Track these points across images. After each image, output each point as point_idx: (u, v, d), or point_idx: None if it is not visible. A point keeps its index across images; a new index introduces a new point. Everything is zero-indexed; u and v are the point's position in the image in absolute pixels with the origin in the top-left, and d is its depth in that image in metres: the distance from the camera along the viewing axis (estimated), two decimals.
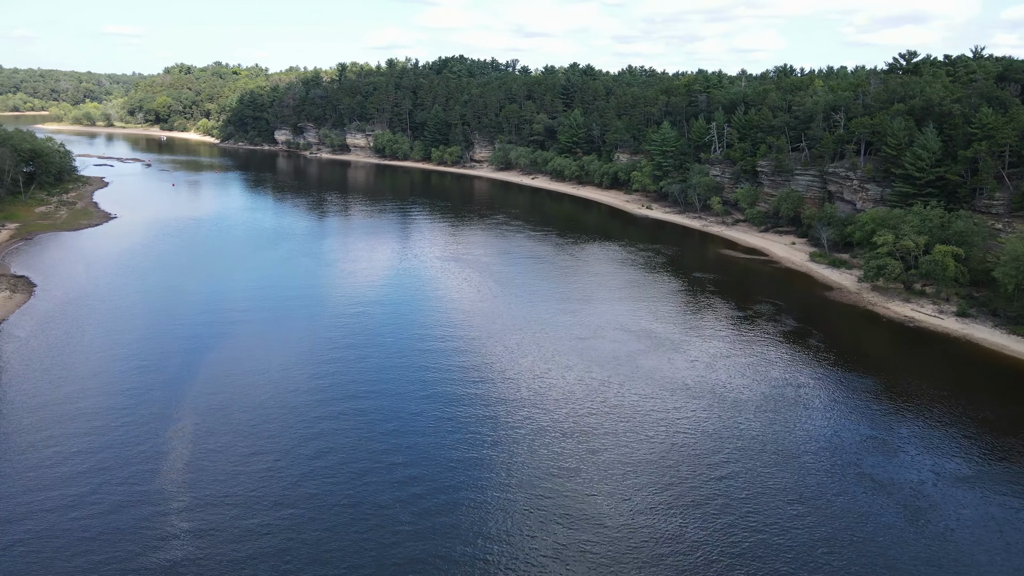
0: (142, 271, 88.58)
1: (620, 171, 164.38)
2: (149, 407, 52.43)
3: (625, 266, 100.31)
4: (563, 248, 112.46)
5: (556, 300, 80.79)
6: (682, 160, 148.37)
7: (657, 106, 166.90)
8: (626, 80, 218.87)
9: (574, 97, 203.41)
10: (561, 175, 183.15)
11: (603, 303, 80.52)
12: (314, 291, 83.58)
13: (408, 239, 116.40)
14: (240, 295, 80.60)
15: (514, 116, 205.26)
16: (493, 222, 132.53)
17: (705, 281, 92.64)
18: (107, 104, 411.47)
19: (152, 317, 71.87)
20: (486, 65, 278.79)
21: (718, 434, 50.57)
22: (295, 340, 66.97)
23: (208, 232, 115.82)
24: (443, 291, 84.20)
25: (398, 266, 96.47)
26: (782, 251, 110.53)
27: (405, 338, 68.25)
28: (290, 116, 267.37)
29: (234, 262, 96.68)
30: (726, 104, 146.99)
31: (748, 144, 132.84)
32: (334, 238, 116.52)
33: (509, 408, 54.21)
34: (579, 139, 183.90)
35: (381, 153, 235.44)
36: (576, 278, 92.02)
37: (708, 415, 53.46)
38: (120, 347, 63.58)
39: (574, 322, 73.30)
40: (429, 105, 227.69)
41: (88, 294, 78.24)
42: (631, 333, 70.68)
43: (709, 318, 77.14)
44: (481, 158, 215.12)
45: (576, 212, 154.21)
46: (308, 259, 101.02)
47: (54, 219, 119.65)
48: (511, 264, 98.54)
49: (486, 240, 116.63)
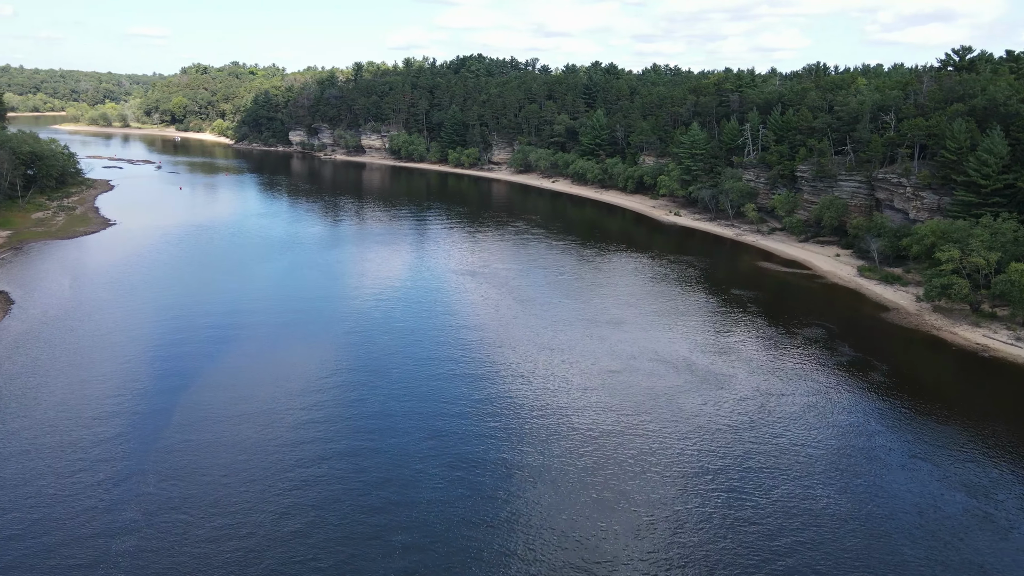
0: (131, 286, 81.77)
1: (646, 175, 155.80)
2: (107, 464, 45.00)
3: (655, 281, 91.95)
4: (587, 260, 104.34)
5: (582, 323, 72.67)
6: (712, 164, 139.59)
7: (685, 106, 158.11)
8: (651, 79, 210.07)
9: (597, 97, 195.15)
10: (583, 178, 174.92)
11: (634, 326, 72.27)
12: (315, 310, 76.16)
13: (422, 249, 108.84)
14: (233, 314, 73.40)
15: (534, 117, 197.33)
16: (512, 230, 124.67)
17: (745, 299, 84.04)
18: (124, 105, 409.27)
19: (133, 342, 64.81)
20: (505, 64, 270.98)
21: (785, 504, 42.12)
22: (286, 370, 59.49)
23: (210, 240, 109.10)
24: (457, 311, 76.39)
25: (410, 281, 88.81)
26: (826, 264, 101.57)
27: (413, 369, 60.50)
28: (305, 117, 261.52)
29: (233, 274, 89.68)
30: (760, 104, 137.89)
31: (786, 147, 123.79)
32: (343, 248, 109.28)
33: (532, 465, 46.26)
34: (602, 141, 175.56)
35: (397, 155, 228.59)
36: (603, 295, 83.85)
37: (770, 477, 45.00)
38: (91, 380, 56.49)
39: (603, 350, 65.14)
40: (446, 105, 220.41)
41: (68, 313, 71.46)
42: (668, 364, 62.39)
43: (754, 345, 68.61)
44: (499, 160, 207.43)
45: (599, 218, 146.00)
46: (313, 271, 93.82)
47: (49, 226, 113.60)
48: (531, 278, 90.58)
49: (504, 250, 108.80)
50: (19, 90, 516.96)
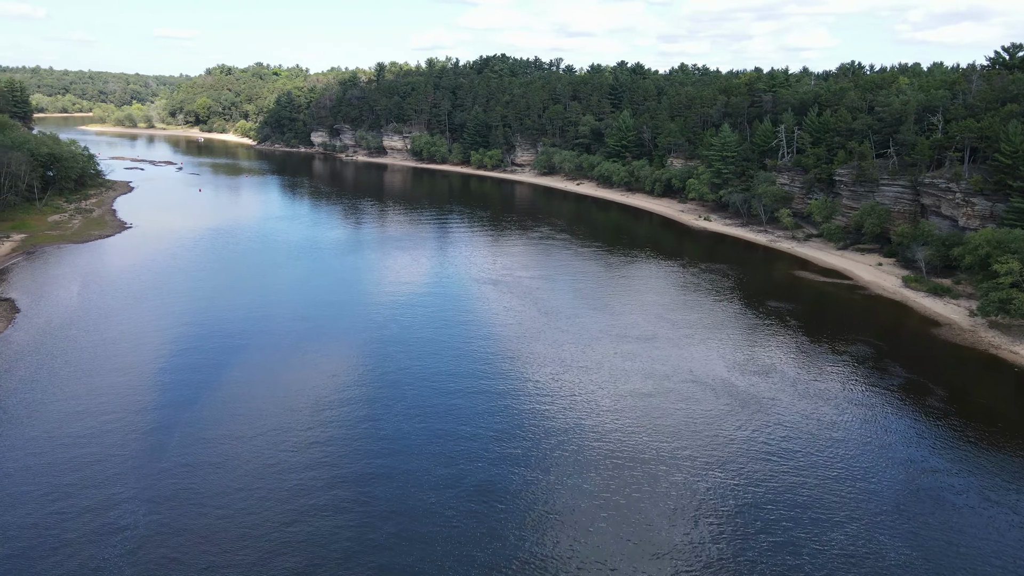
0: (140, 293, 78.86)
1: (674, 178, 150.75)
2: (93, 491, 41.59)
3: (687, 291, 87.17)
4: (614, 267, 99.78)
5: (611, 338, 68.21)
6: (744, 167, 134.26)
7: (715, 107, 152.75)
8: (678, 79, 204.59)
9: (623, 97, 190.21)
10: (609, 181, 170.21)
11: (666, 342, 67.67)
12: (329, 321, 72.55)
13: (443, 255, 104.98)
14: (243, 324, 70.03)
15: (558, 117, 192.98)
16: (536, 235, 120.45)
17: (783, 312, 78.99)
18: (150, 106, 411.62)
19: (136, 354, 61.64)
20: (529, 64, 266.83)
21: (846, 556, 37.42)
22: (296, 386, 55.84)
23: (226, 244, 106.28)
24: (478, 323, 72.30)
25: (429, 290, 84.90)
26: (867, 274, 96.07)
27: (429, 387, 56.55)
28: (326, 118, 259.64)
29: (246, 281, 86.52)
30: (795, 104, 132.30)
31: (823, 149, 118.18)
32: (362, 253, 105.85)
33: (556, 500, 42.07)
34: (628, 142, 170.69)
35: (418, 156, 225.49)
36: (632, 307, 79.30)
37: (826, 519, 40.23)
38: (87, 396, 53.31)
39: (635, 369, 60.67)
40: (469, 106, 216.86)
41: (73, 322, 68.58)
42: (705, 386, 57.78)
43: (797, 364, 63.71)
44: (523, 162, 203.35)
45: (625, 222, 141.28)
46: (330, 279, 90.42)
47: (64, 229, 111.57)
48: (556, 287, 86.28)
49: (528, 256, 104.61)
50: (49, 91, 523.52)
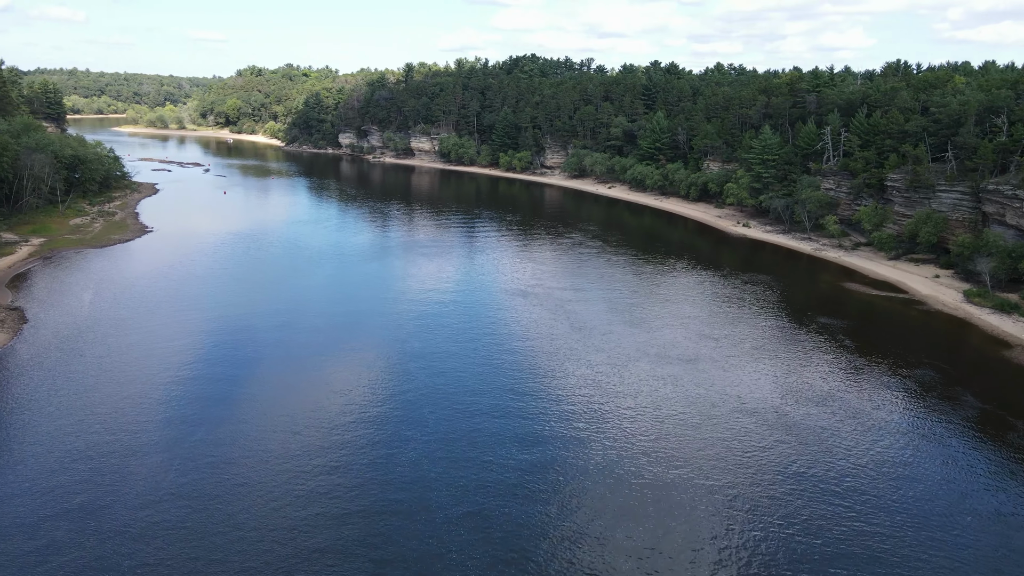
0: (154, 301, 75.52)
1: (711, 182, 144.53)
2: (75, 534, 37.72)
3: (729, 304, 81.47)
4: (649, 278, 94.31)
5: (649, 358, 62.97)
6: (787, 171, 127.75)
7: (755, 108, 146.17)
8: (714, 79, 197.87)
9: (656, 98, 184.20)
10: (642, 184, 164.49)
11: (711, 364, 62.25)
12: (345, 335, 68.30)
13: (470, 263, 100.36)
14: (253, 338, 66.14)
15: (590, 119, 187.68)
16: (567, 242, 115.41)
17: (835, 330, 72.96)
18: (181, 107, 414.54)
19: (140, 370, 58.01)
20: (559, 64, 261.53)
21: None
22: (302, 412, 51.60)
23: (246, 250, 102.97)
24: (506, 342, 67.43)
25: (455, 302, 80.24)
26: (924, 287, 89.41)
27: (452, 417, 51.89)
28: (354, 119, 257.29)
29: (262, 289, 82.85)
30: (841, 105, 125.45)
31: (872, 153, 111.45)
32: (385, 260, 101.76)
33: (594, 562, 37.14)
34: (662, 145, 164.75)
35: (446, 158, 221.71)
36: (670, 323, 73.90)
37: None
38: (85, 417, 49.64)
39: (678, 397, 55.39)
40: (498, 107, 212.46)
41: (81, 334, 65.30)
42: (757, 417, 52.33)
43: (856, 391, 57.88)
44: (553, 164, 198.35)
45: (659, 228, 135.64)
46: (349, 287, 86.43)
47: (85, 233, 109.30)
48: (589, 300, 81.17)
49: (559, 265, 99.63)
50: (85, 93, 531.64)
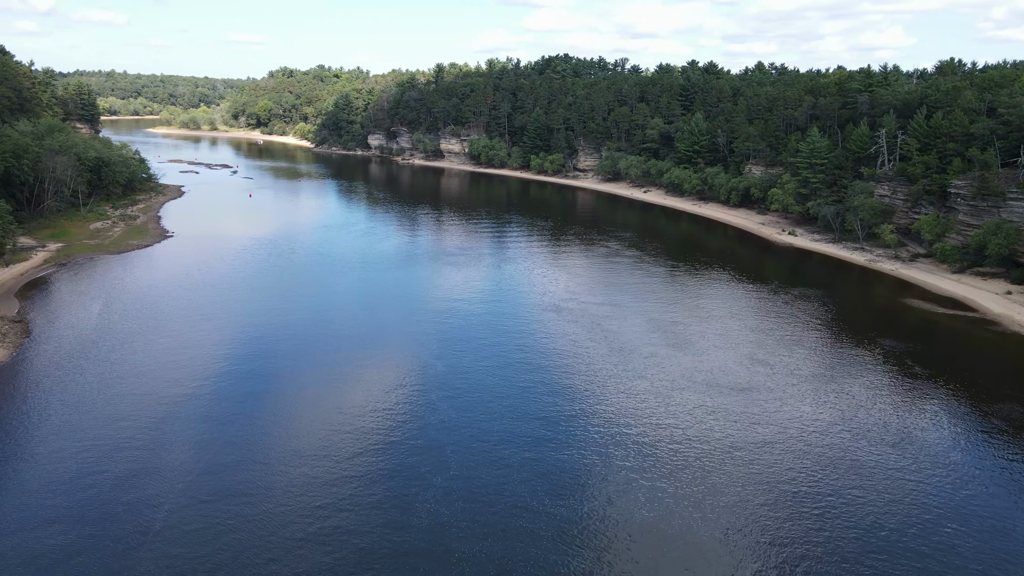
0: (165, 313, 71.39)
1: (753, 187, 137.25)
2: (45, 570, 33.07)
3: (780, 322, 74.71)
4: (692, 292, 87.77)
5: (698, 387, 56.78)
6: (836, 175, 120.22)
7: (801, 109, 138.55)
8: (755, 79, 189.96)
9: (694, 99, 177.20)
10: (679, 189, 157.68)
11: (767, 395, 55.86)
12: (363, 357, 63.11)
13: (499, 274, 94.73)
14: (264, 356, 61.39)
15: (624, 120, 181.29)
16: (602, 251, 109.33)
17: (902, 354, 65.90)
18: (214, 108, 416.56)
19: (140, 392, 53.57)
20: (593, 64, 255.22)
21: None
22: (312, 445, 46.55)
23: (267, 256, 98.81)
24: (539, 365, 61.57)
25: (483, 318, 74.41)
26: (995, 304, 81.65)
27: (477, 454, 46.39)
28: (384, 120, 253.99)
29: (278, 300, 78.30)
30: (897, 106, 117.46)
31: (933, 157, 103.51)
32: (411, 269, 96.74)
33: None
34: (701, 147, 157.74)
35: (476, 160, 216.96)
36: (717, 344, 67.52)
37: None
38: (73, 450, 45.18)
39: (736, 435, 49.07)
40: (530, 108, 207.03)
41: (84, 351, 61.26)
42: (827, 461, 45.90)
43: (937, 432, 51.02)
44: (585, 167, 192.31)
45: (698, 235, 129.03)
46: (371, 300, 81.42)
47: (104, 238, 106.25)
48: (627, 317, 75.05)
49: (594, 277, 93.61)
50: (122, 94, 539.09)
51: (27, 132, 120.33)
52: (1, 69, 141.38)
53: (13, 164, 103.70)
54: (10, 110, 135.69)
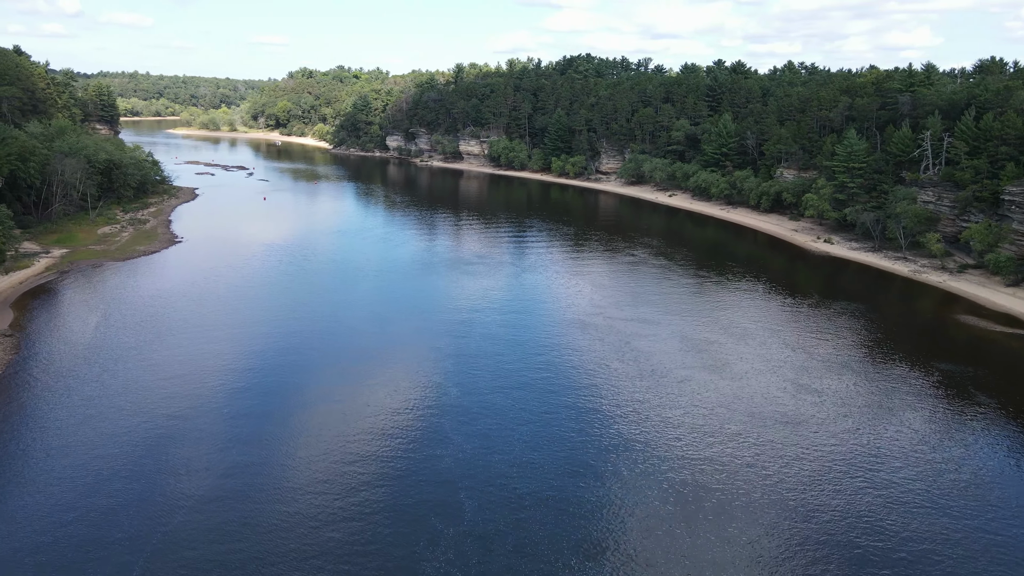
0: (165, 326, 67.32)
1: (785, 191, 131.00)
2: None
3: (825, 342, 68.85)
4: (726, 304, 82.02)
5: (742, 418, 51.33)
6: (876, 180, 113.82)
7: (836, 110, 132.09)
8: (786, 79, 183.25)
9: (722, 99, 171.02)
10: (706, 193, 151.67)
11: (818, 428, 50.31)
12: (370, 378, 58.38)
13: (519, 284, 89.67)
14: (262, 376, 56.96)
15: (649, 121, 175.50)
16: (627, 259, 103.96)
17: (963, 380, 59.91)
18: (234, 109, 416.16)
19: (130, 414, 49.34)
20: (615, 64, 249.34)
21: None
22: (303, 489, 41.92)
23: (276, 264, 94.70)
24: (564, 390, 56.26)
25: (502, 335, 69.07)
26: None
27: (496, 501, 41.44)
28: (402, 121, 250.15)
29: (284, 312, 73.95)
30: (943, 107, 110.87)
31: (983, 161, 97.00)
32: (426, 279, 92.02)
33: None
34: (729, 150, 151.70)
35: (496, 162, 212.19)
36: (758, 367, 62.02)
37: None
38: (59, 472, 40.93)
39: (788, 480, 43.62)
40: (551, 109, 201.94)
41: (75, 368, 57.29)
42: (900, 511, 40.38)
43: (1019, 475, 45.31)
44: (608, 170, 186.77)
45: (727, 242, 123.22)
46: (384, 311, 76.77)
47: (110, 243, 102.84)
48: (658, 335, 69.66)
49: (620, 289, 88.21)
50: (144, 95, 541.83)
51: (37, 134, 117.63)
52: (14, 69, 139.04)
53: (19, 167, 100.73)
54: (22, 111, 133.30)
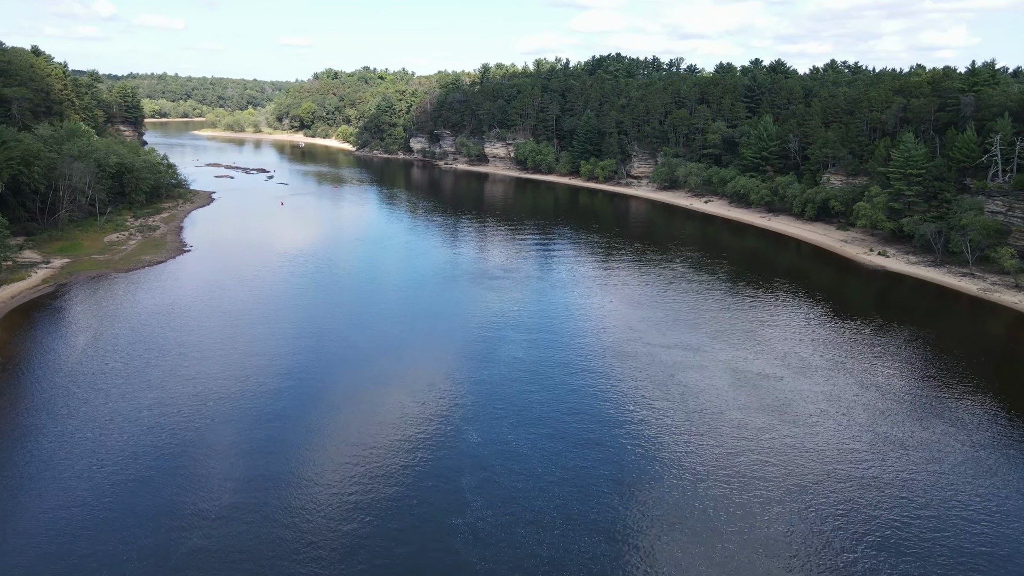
0: (158, 349, 61.17)
1: (834, 199, 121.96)
2: None
3: (900, 378, 60.40)
4: (777, 328, 73.54)
5: (816, 478, 43.41)
6: (936, 188, 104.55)
7: (889, 111, 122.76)
8: (829, 78, 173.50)
9: (761, 100, 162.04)
10: (744, 200, 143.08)
11: (913, 494, 42.20)
12: (374, 422, 51.50)
13: (547, 303, 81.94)
14: (256, 411, 50.32)
15: (683, 123, 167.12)
16: (665, 273, 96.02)
17: None
18: (259, 110, 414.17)
19: (103, 452, 42.98)
20: (647, 64, 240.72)
21: None
22: (290, 556, 35.09)
23: (287, 276, 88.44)
24: (598, 439, 48.49)
25: (527, 365, 61.73)
26: None
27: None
28: (427, 123, 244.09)
29: (290, 332, 67.45)
30: (1013, 108, 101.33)
31: None
32: (446, 295, 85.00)
33: None
34: (770, 154, 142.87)
35: (522, 165, 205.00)
36: (826, 408, 53.96)
37: None
38: (25, 527, 34.61)
39: (880, 567, 35.91)
40: (580, 110, 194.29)
41: (53, 400, 51.23)
42: None
43: None
44: (640, 174, 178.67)
45: (769, 252, 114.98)
46: (398, 333, 69.82)
47: (115, 252, 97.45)
48: (707, 366, 61.79)
49: (658, 309, 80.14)
50: (172, 97, 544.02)
51: (46, 136, 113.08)
52: (27, 70, 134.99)
53: (22, 171, 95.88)
54: (33, 112, 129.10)
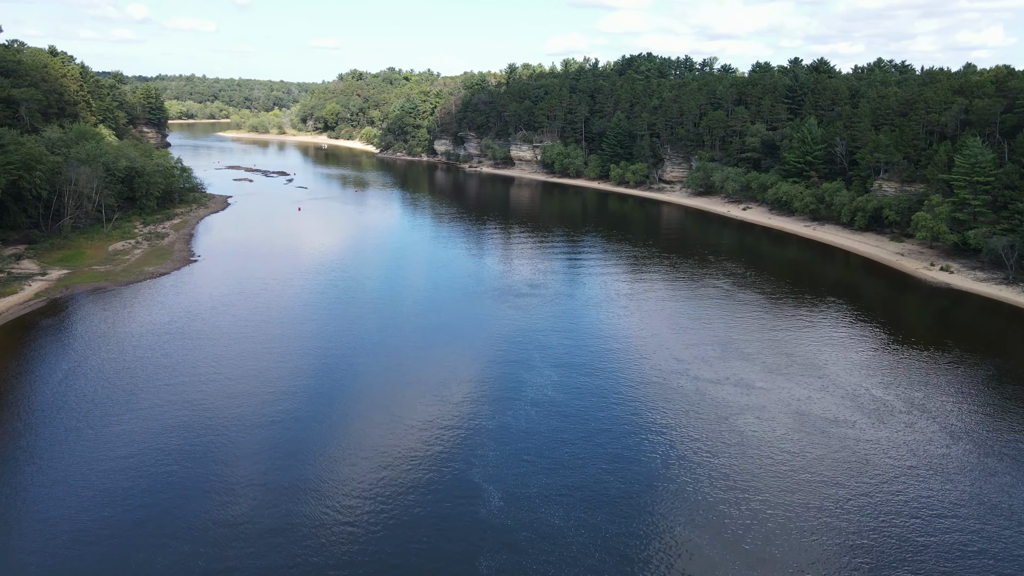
0: (144, 375, 55.03)
1: (887, 208, 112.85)
2: None
3: (992, 421, 51.96)
4: (841, 357, 65.00)
5: (909, 566, 35.71)
6: (1008, 197, 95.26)
7: (948, 113, 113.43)
8: (876, 78, 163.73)
9: (804, 101, 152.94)
10: (787, 207, 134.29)
11: (1003, 554, 34.39)
12: (377, 467, 44.63)
13: (577, 325, 74.08)
14: (245, 448, 43.71)
15: (719, 126, 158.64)
16: (706, 290, 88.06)
17: None
18: (284, 112, 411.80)
19: (74, 496, 36.56)
20: (679, 64, 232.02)
21: None
22: None
23: (295, 292, 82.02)
24: (644, 504, 41.02)
25: (558, 406, 54.51)
26: None
27: None
28: (451, 125, 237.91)
29: (292, 358, 60.95)
30: None
31: None
32: (464, 314, 77.84)
33: None
34: (815, 158, 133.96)
35: (549, 169, 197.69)
36: (915, 464, 45.94)
37: None
38: None
39: None
40: (610, 112, 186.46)
41: (21, 436, 45.22)
42: None
43: None
44: (673, 178, 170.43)
45: (815, 264, 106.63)
46: (410, 363, 62.87)
47: (118, 262, 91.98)
48: (764, 407, 53.90)
49: (703, 332, 71.90)
50: (199, 98, 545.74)
51: (53, 139, 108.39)
52: (39, 70, 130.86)
53: (23, 176, 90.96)
54: (44, 114, 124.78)
